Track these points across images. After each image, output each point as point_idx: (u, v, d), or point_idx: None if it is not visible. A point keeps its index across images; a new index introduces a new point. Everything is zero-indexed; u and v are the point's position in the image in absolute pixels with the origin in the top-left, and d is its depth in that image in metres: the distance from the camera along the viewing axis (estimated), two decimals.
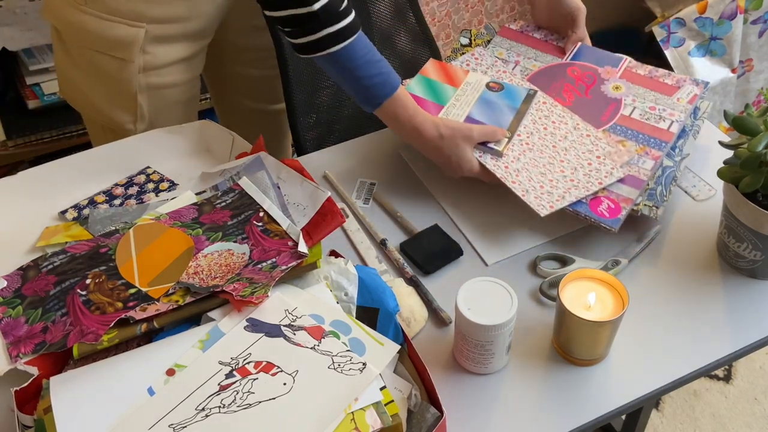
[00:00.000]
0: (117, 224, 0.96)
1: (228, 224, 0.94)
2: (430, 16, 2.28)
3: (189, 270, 0.88)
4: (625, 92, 1.12)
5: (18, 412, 0.75)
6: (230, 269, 0.88)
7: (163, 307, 0.82)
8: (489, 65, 1.18)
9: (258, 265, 0.87)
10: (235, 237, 0.92)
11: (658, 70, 1.15)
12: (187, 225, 0.94)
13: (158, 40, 1.11)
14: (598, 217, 0.97)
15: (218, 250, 0.90)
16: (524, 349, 0.89)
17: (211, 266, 0.88)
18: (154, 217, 0.96)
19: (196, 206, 0.98)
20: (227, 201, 0.98)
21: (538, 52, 1.20)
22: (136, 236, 0.93)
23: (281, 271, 0.85)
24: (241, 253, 0.90)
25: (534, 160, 1.04)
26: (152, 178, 1.05)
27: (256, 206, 0.96)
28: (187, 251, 0.90)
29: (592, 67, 1.16)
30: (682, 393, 1.79)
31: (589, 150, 1.05)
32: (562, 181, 1.01)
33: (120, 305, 0.84)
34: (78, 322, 0.82)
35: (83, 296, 0.85)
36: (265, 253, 0.89)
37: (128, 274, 0.88)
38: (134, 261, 0.89)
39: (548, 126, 1.09)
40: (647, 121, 1.07)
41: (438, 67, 1.17)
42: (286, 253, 0.88)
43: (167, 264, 0.89)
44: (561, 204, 0.98)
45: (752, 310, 0.93)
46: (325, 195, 0.95)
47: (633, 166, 1.02)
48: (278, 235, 0.91)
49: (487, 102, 1.11)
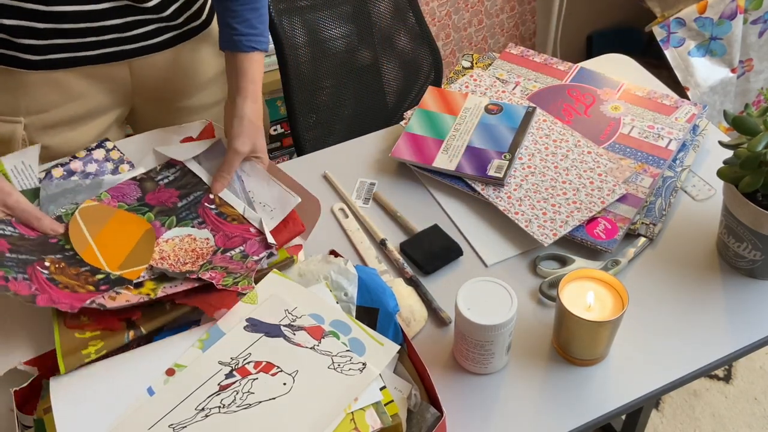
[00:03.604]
0: (65, 206, 0.93)
1: (178, 206, 0.92)
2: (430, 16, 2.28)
3: (155, 256, 0.86)
4: (623, 112, 1.14)
5: (18, 412, 0.75)
6: (198, 255, 0.87)
7: (133, 298, 0.81)
8: (488, 86, 1.20)
9: (227, 253, 0.87)
10: (191, 221, 0.91)
11: (656, 91, 1.17)
12: (135, 208, 0.92)
13: (44, 131, 1.07)
14: (595, 239, 0.98)
15: (178, 235, 0.90)
16: (524, 349, 0.89)
17: (176, 252, 0.87)
18: (96, 198, 0.93)
19: (137, 182, 0.95)
20: (169, 177, 0.96)
21: (538, 74, 1.23)
22: (85, 220, 0.90)
23: (255, 262, 0.85)
24: (204, 238, 0.89)
25: (536, 184, 1.05)
26: (112, 155, 1.01)
27: (203, 186, 0.94)
28: (147, 234, 0.89)
29: (591, 89, 1.19)
30: (682, 393, 1.79)
31: (591, 168, 1.06)
32: (564, 204, 1.01)
33: (91, 288, 0.82)
34: (45, 291, 0.80)
35: (46, 274, 0.82)
36: (229, 240, 0.89)
37: (92, 259, 0.86)
38: (93, 246, 0.87)
39: (549, 145, 1.09)
40: (645, 139, 1.09)
41: (437, 96, 1.18)
42: (253, 241, 0.88)
43: (131, 247, 0.87)
44: (564, 230, 0.98)
45: (752, 310, 0.93)
46: (295, 201, 0.94)
47: (631, 184, 1.03)
48: (236, 220, 0.91)
49: (486, 127, 1.12)
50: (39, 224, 0.90)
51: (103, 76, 1.07)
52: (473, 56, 1.28)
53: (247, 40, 1.01)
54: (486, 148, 1.09)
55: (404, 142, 1.12)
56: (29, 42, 0.99)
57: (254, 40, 1.01)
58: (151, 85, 1.13)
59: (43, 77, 1.03)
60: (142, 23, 1.04)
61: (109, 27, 1.01)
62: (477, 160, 1.08)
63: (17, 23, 0.96)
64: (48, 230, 0.90)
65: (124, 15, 1.01)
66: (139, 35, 1.05)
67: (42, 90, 1.04)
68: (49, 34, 0.99)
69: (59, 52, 1.01)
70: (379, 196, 1.09)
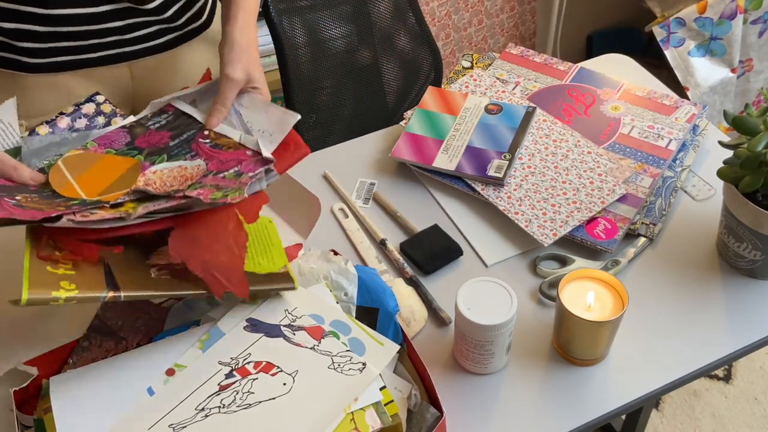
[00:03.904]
0: (49, 159, 0.84)
1: (170, 145, 0.85)
2: (430, 16, 2.28)
3: (139, 183, 0.79)
4: (623, 112, 1.14)
5: (18, 412, 0.75)
6: (186, 178, 0.80)
7: (109, 216, 0.73)
8: (488, 86, 1.20)
9: (219, 174, 0.80)
10: (183, 156, 0.83)
11: (656, 91, 1.17)
12: (123, 152, 0.85)
13: None
14: (594, 239, 0.98)
15: (167, 167, 0.82)
16: (524, 349, 0.89)
17: (163, 179, 0.80)
18: (82, 147, 0.86)
19: (126, 129, 0.88)
20: (161, 122, 0.88)
21: (538, 74, 1.23)
22: (68, 167, 0.82)
23: (249, 177, 0.78)
24: (196, 165, 0.82)
25: (536, 184, 1.05)
26: (103, 109, 0.92)
27: (198, 124, 0.87)
28: (133, 167, 0.82)
29: (591, 89, 1.19)
30: (682, 393, 1.79)
31: (591, 168, 1.06)
32: (564, 204, 1.01)
33: (62, 209, 0.74)
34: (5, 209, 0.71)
35: (14, 203, 0.74)
36: (223, 164, 0.81)
37: (69, 192, 0.79)
38: (75, 185, 0.79)
39: (549, 145, 1.09)
40: (645, 139, 1.09)
41: (437, 96, 1.18)
42: (248, 160, 0.81)
43: (113, 179, 0.80)
44: (564, 230, 0.98)
45: (752, 310, 0.93)
46: (294, 117, 0.85)
47: (631, 184, 1.03)
48: (232, 147, 0.84)
49: (486, 127, 1.12)
50: (17, 174, 0.81)
51: (103, 78, 1.08)
52: (473, 56, 1.28)
53: None
54: (486, 148, 1.09)
55: (404, 142, 1.12)
56: (29, 45, 0.99)
57: None
58: (152, 85, 1.13)
59: (44, 80, 1.03)
60: (143, 25, 1.03)
61: (109, 29, 1.01)
62: (477, 160, 1.08)
63: (17, 26, 0.96)
64: (27, 180, 0.82)
65: (124, 17, 1.01)
66: (140, 37, 1.05)
67: (42, 92, 1.04)
68: (50, 37, 0.99)
69: (60, 55, 1.01)
70: (379, 196, 1.09)
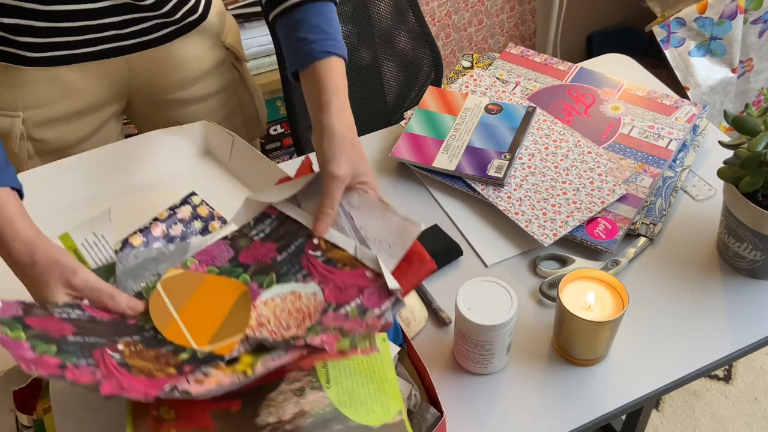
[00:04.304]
0: (146, 279, 0.77)
1: (278, 260, 0.76)
2: (430, 16, 2.28)
3: (251, 322, 0.71)
4: (623, 112, 1.14)
5: (18, 412, 0.75)
6: (304, 315, 0.71)
7: (226, 379, 0.65)
8: (488, 86, 1.20)
9: (340, 309, 0.71)
10: (294, 276, 0.74)
11: (656, 91, 1.17)
12: (226, 270, 0.76)
13: (42, 125, 1.08)
14: (595, 239, 0.98)
15: (279, 294, 0.73)
16: (524, 349, 0.89)
17: (277, 314, 0.72)
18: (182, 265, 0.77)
19: (228, 241, 0.79)
20: (265, 231, 0.79)
21: (538, 74, 1.23)
22: (168, 292, 0.75)
23: (377, 317, 0.69)
24: (311, 293, 0.73)
25: (536, 184, 1.05)
26: (199, 212, 0.85)
27: (305, 231, 0.77)
28: (241, 297, 0.73)
29: (591, 89, 1.19)
30: (682, 393, 1.79)
31: (591, 168, 1.06)
32: (564, 204, 1.01)
33: (173, 371, 0.67)
34: (113, 376, 0.65)
35: (118, 358, 0.67)
36: (342, 292, 0.72)
37: (176, 336, 0.71)
38: (178, 320, 0.72)
39: (549, 145, 1.09)
40: (646, 139, 1.09)
41: (436, 96, 1.18)
42: (371, 290, 0.72)
43: (223, 316, 0.72)
44: (564, 230, 0.98)
45: (752, 310, 0.93)
46: (417, 229, 0.75)
47: (631, 184, 1.03)
48: (348, 265, 0.74)
49: (486, 127, 1.12)
50: (114, 303, 0.73)
51: (101, 71, 1.08)
52: (473, 56, 1.28)
53: (319, 46, 0.85)
54: (486, 148, 1.09)
55: (404, 142, 1.12)
56: (29, 40, 1.00)
57: (327, 45, 0.86)
58: (148, 78, 1.14)
59: (42, 73, 1.04)
60: (140, 20, 1.04)
61: (107, 24, 1.02)
62: (477, 160, 1.08)
63: (17, 22, 0.97)
64: (125, 309, 0.74)
65: (122, 13, 1.02)
66: (138, 31, 1.06)
67: (41, 86, 1.05)
68: (49, 32, 0.99)
69: (58, 49, 1.02)
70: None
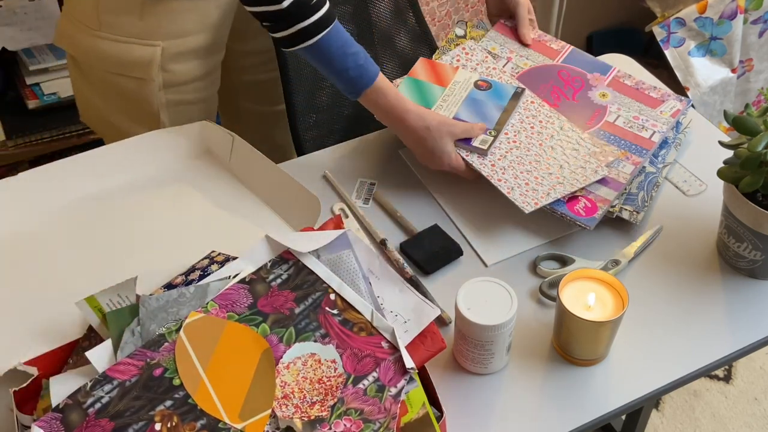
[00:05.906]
0: (168, 322, 0.79)
1: (296, 313, 0.80)
2: (430, 16, 2.28)
3: (277, 393, 0.75)
4: (611, 100, 1.14)
5: (18, 412, 0.75)
6: (327, 390, 0.76)
7: None
8: (479, 61, 1.20)
9: (359, 384, 0.76)
10: (312, 333, 0.79)
11: (645, 82, 1.17)
12: (246, 318, 0.79)
13: (176, 57, 1.14)
14: (575, 215, 0.98)
15: (300, 355, 0.77)
16: (524, 349, 0.89)
17: (300, 384, 0.76)
18: (203, 309, 0.80)
19: (246, 285, 0.81)
20: (282, 276, 0.82)
21: (530, 51, 1.22)
22: (192, 341, 0.77)
23: (393, 399, 0.75)
24: (331, 360, 0.77)
25: (520, 157, 1.05)
26: (216, 258, 0.88)
27: (323, 284, 0.82)
28: (264, 357, 0.77)
29: (581, 72, 1.19)
30: (682, 393, 1.79)
31: (575, 149, 1.06)
32: (547, 178, 1.02)
33: None
34: None
35: None
36: (359, 362, 0.77)
37: (207, 404, 0.74)
38: (206, 382, 0.75)
39: (535, 125, 1.10)
40: (630, 129, 1.10)
41: (427, 67, 1.18)
42: (387, 363, 0.77)
43: (248, 380, 0.76)
44: (546, 201, 0.99)
45: (752, 310, 0.93)
46: (434, 312, 0.83)
47: (613, 169, 1.04)
48: (364, 330, 0.79)
49: (474, 101, 1.12)
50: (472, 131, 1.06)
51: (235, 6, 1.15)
52: (467, 24, 1.27)
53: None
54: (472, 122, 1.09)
55: None
56: None
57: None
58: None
59: (188, 4, 1.09)
60: None
61: None
62: None
63: None
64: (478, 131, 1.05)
65: None
66: None
67: (183, 16, 1.10)
68: None
69: None
70: (379, 196, 1.09)
